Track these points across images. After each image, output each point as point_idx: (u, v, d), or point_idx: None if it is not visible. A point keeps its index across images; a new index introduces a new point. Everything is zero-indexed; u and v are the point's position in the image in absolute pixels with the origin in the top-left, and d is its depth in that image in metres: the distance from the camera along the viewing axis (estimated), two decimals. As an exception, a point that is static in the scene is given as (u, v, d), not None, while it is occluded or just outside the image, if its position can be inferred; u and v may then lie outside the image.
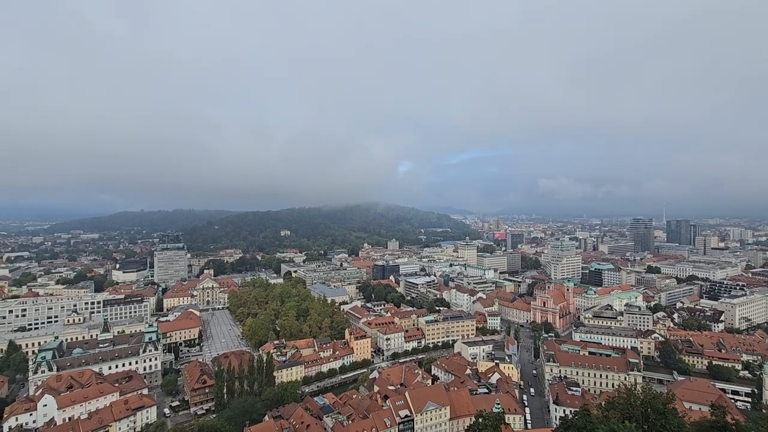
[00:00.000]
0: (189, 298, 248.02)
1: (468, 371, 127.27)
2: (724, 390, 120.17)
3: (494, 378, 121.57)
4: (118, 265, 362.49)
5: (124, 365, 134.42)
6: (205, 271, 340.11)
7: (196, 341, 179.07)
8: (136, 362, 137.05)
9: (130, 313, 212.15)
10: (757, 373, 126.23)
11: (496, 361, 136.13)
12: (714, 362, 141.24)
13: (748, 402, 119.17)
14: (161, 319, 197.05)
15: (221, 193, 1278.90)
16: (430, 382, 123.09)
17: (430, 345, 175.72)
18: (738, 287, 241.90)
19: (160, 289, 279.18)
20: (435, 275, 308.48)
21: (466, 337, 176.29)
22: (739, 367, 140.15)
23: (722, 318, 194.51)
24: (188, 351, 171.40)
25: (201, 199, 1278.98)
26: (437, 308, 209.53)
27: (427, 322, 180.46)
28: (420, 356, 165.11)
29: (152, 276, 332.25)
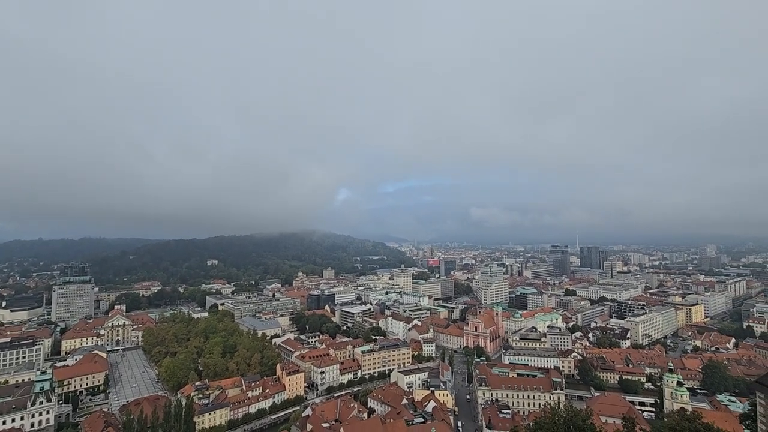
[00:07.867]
0: (95, 338, 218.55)
1: (404, 401, 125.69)
2: (633, 402, 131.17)
3: (430, 406, 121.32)
4: (4, 303, 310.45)
5: (5, 422, 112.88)
6: (116, 307, 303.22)
7: (101, 388, 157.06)
8: (22, 418, 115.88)
9: (18, 358, 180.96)
10: (659, 384, 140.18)
11: (431, 388, 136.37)
12: (624, 377, 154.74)
13: (652, 412, 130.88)
14: (58, 364, 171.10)
15: (140, 219, 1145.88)
16: (366, 415, 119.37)
17: (367, 376, 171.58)
18: (639, 306, 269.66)
19: (59, 329, 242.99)
20: (371, 303, 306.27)
21: (402, 365, 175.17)
22: (644, 380, 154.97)
23: (629, 335, 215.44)
24: (91, 400, 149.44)
25: (115, 226, 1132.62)
26: (373, 337, 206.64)
27: (363, 352, 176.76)
28: (356, 389, 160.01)
29: (49, 314, 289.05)
